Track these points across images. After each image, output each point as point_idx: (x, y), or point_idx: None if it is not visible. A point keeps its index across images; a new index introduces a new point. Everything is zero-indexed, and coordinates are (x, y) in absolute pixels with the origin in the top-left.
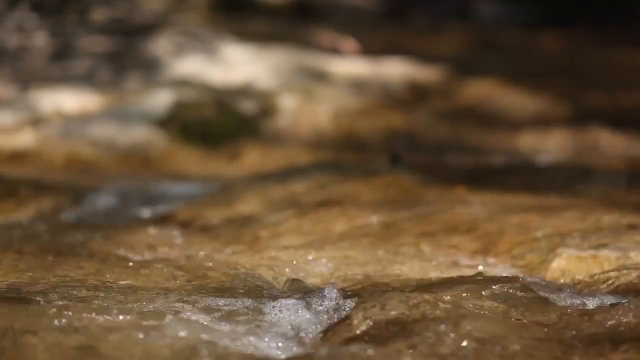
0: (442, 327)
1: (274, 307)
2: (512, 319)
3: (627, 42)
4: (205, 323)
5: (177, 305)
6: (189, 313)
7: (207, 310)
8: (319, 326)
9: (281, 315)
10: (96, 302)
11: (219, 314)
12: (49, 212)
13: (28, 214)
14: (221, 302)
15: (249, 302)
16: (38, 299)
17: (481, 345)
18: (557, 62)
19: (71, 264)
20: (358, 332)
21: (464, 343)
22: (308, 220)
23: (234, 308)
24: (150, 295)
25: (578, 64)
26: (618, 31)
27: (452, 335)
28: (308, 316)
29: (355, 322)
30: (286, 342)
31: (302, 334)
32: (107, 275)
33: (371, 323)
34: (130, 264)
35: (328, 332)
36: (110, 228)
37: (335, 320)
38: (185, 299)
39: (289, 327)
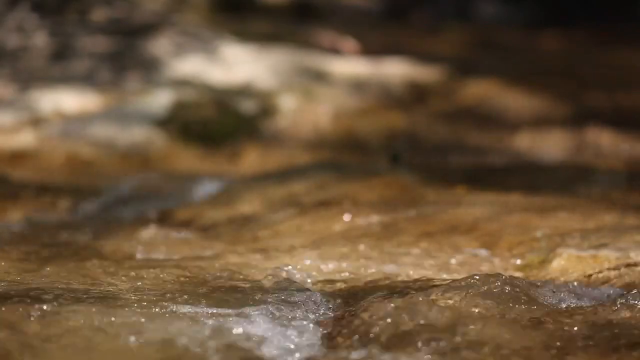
0: (442, 327)
1: (273, 308)
2: (512, 319)
3: (627, 42)
4: (204, 324)
5: (176, 305)
6: (188, 313)
7: (207, 310)
8: (318, 327)
9: (281, 316)
10: (96, 302)
11: (219, 314)
12: (49, 212)
13: (28, 214)
14: (220, 302)
15: (246, 303)
16: (39, 299)
17: (480, 345)
18: (557, 62)
19: (71, 264)
20: (357, 333)
21: (464, 343)
22: (308, 220)
23: (234, 309)
24: (150, 295)
25: (578, 64)
26: (618, 31)
27: (451, 335)
28: (307, 317)
29: (354, 323)
30: (285, 343)
31: (301, 335)
32: (108, 276)
33: (371, 324)
34: (131, 264)
35: (328, 332)
36: (110, 228)
37: (335, 320)
38: (184, 299)
39: (289, 328)
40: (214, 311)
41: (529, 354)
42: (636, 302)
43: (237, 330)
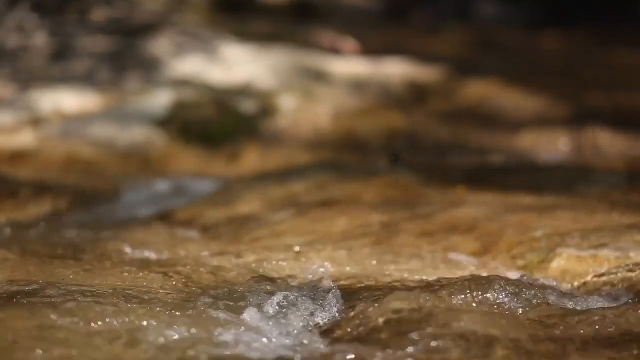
0: (441, 327)
1: (273, 307)
2: (512, 319)
3: (627, 42)
4: (203, 323)
5: (176, 305)
6: (188, 313)
7: (206, 310)
8: (317, 326)
9: (280, 315)
10: (96, 302)
11: (218, 314)
12: (49, 212)
13: (28, 215)
14: (220, 302)
15: (248, 302)
16: (38, 299)
17: (480, 345)
18: (557, 62)
19: (71, 264)
20: (357, 332)
21: (463, 344)
22: (308, 220)
23: (233, 309)
24: (150, 295)
25: (578, 64)
26: (618, 31)
27: (451, 335)
28: (307, 316)
29: (353, 322)
30: (285, 342)
31: (300, 335)
32: (108, 276)
33: (370, 324)
34: (131, 264)
35: (326, 332)
36: (110, 228)
37: (334, 320)
38: (184, 299)
39: (288, 327)
40: (213, 311)
41: (529, 353)
42: (636, 302)
43: (236, 330)
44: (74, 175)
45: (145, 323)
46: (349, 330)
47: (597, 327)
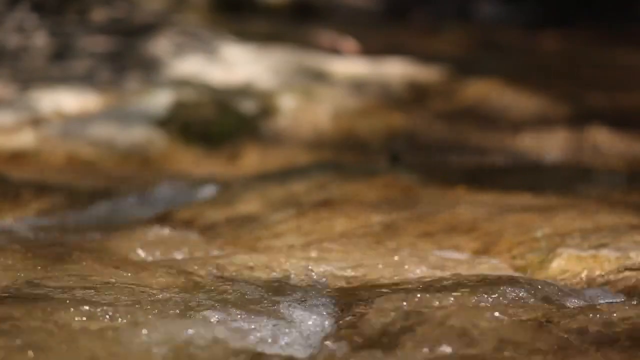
0: (442, 328)
1: (273, 308)
2: (512, 319)
3: (627, 42)
4: (203, 324)
5: (177, 305)
6: (188, 314)
7: (206, 311)
8: (317, 327)
9: (280, 316)
10: (96, 303)
11: (218, 314)
12: (49, 212)
13: (28, 215)
14: (220, 303)
15: (248, 302)
16: (38, 299)
17: (482, 345)
18: (557, 62)
19: (71, 264)
20: (357, 334)
21: (464, 344)
22: (308, 220)
23: (233, 309)
24: (150, 295)
25: (578, 64)
26: (618, 31)
27: (451, 336)
28: (307, 318)
29: (355, 323)
30: (285, 344)
31: (302, 335)
32: (107, 276)
33: (370, 325)
34: (131, 264)
35: (327, 333)
36: (110, 228)
37: (334, 321)
38: (184, 299)
39: (288, 328)
40: (213, 312)
41: (529, 354)
42: (636, 302)
43: (237, 331)
44: (74, 175)
45: (144, 323)
46: (349, 331)
47: (597, 327)
